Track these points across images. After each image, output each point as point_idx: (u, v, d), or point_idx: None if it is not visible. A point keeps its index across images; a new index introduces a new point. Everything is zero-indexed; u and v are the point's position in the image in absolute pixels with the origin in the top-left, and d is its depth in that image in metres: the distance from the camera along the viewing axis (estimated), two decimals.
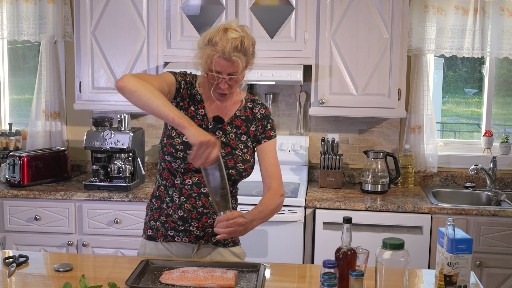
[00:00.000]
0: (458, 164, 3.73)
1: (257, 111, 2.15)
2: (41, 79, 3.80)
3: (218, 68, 1.95)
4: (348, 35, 3.34)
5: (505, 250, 3.09)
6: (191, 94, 2.10)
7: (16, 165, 3.40)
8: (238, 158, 2.06)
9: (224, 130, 2.10)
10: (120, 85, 1.85)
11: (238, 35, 1.94)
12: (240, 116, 2.12)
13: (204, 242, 2.10)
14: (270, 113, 2.18)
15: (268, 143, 2.14)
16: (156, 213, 2.12)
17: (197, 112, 2.10)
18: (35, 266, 2.02)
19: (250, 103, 2.16)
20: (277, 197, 2.08)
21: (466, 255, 1.73)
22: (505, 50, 3.53)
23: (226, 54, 1.92)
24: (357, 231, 3.06)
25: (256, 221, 1.99)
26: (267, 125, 2.15)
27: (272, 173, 2.11)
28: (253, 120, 2.13)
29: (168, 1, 3.41)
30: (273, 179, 2.11)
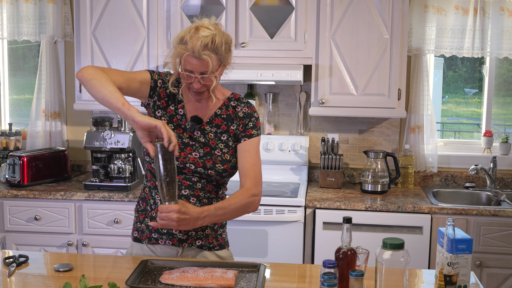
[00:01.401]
0: (458, 164, 3.73)
1: (239, 110, 2.09)
2: (41, 79, 3.80)
3: (189, 67, 1.93)
4: (348, 35, 3.34)
5: (505, 250, 3.09)
6: (171, 94, 2.08)
7: (16, 165, 3.40)
8: (217, 159, 2.03)
9: (203, 130, 2.06)
10: (79, 74, 1.88)
11: (209, 33, 1.90)
12: (221, 115, 2.08)
13: (188, 245, 2.07)
14: (255, 112, 2.12)
15: (247, 141, 2.06)
16: (141, 215, 2.12)
17: (176, 111, 2.08)
18: (35, 266, 2.02)
19: (234, 101, 2.11)
20: (245, 196, 1.98)
21: (466, 255, 1.73)
22: (505, 50, 3.53)
23: (196, 53, 1.89)
24: (357, 231, 3.06)
25: (210, 217, 1.89)
26: (249, 124, 2.08)
27: (247, 172, 2.03)
28: (234, 118, 2.08)
29: (168, 1, 3.41)
30: (247, 178, 2.02)
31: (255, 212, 3.12)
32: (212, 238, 2.10)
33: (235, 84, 3.76)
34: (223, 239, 2.14)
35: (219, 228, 2.12)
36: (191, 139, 2.05)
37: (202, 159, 2.02)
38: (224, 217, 1.97)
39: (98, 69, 1.89)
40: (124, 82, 1.95)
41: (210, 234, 2.09)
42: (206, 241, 2.09)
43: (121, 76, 1.96)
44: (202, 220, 1.87)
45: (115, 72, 1.96)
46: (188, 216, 1.82)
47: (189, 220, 1.82)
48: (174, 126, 2.06)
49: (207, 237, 2.08)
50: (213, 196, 2.08)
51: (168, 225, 1.81)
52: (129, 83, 1.98)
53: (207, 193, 2.05)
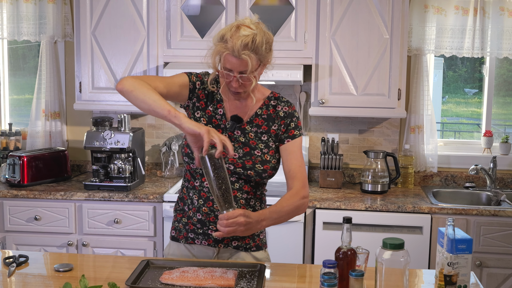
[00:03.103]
0: (458, 164, 3.73)
1: (280, 109, 2.06)
2: (41, 79, 3.80)
3: (228, 66, 1.90)
4: (348, 35, 3.34)
5: (505, 250, 3.09)
6: (209, 94, 2.06)
7: (16, 165, 3.40)
8: (256, 159, 2.00)
9: (243, 129, 2.04)
10: (119, 87, 1.88)
11: (250, 33, 1.87)
12: (262, 115, 2.06)
13: (224, 246, 2.05)
14: (295, 111, 2.09)
15: (291, 142, 2.04)
16: (179, 214, 2.12)
17: (215, 111, 2.05)
18: (35, 266, 2.02)
19: (274, 100, 2.08)
20: (296, 198, 1.99)
21: (466, 255, 1.73)
22: (505, 50, 3.53)
23: (236, 52, 1.86)
24: (357, 231, 3.06)
25: (266, 221, 1.92)
26: (291, 124, 2.06)
27: (295, 174, 2.02)
28: (275, 118, 2.06)
29: (168, 1, 3.41)
30: (295, 180, 2.02)
31: None
32: (249, 239, 2.08)
33: None
34: (260, 240, 2.12)
35: None
36: (230, 139, 2.01)
37: (241, 160, 2.00)
38: (279, 220, 1.98)
39: (137, 79, 1.89)
40: (164, 88, 1.95)
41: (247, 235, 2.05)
42: (242, 242, 2.07)
43: (160, 82, 1.95)
44: (260, 224, 1.90)
45: (154, 79, 1.96)
46: (252, 220, 1.84)
47: (253, 224, 1.85)
48: (213, 127, 2.03)
49: (243, 238, 2.06)
50: (250, 196, 2.06)
51: (234, 231, 1.81)
52: (169, 88, 1.98)
53: (244, 194, 2.04)
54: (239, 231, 1.82)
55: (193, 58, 3.37)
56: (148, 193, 3.29)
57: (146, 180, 3.67)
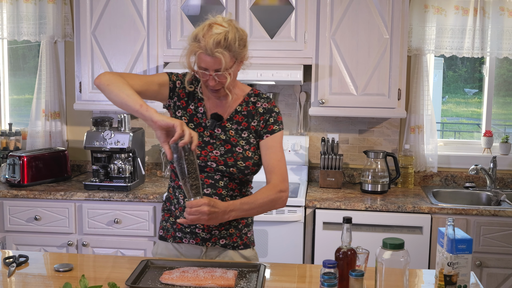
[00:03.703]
0: (458, 164, 3.73)
1: (259, 106, 2.08)
2: (41, 79, 3.80)
3: (203, 64, 1.92)
4: (348, 35, 3.34)
5: (505, 250, 3.09)
6: (190, 93, 2.08)
7: (16, 165, 3.40)
8: (238, 156, 2.02)
9: (224, 127, 2.06)
10: (96, 81, 1.92)
11: (222, 30, 1.89)
12: (241, 112, 2.08)
13: (211, 245, 2.07)
14: (275, 106, 2.10)
15: (270, 138, 2.06)
16: (166, 213, 2.14)
17: (196, 110, 2.08)
18: (35, 266, 2.02)
19: (254, 97, 2.10)
20: (272, 191, 1.99)
21: (466, 255, 1.73)
22: (505, 50, 3.53)
23: (209, 51, 1.88)
24: (357, 231, 3.06)
25: (236, 212, 1.91)
26: (270, 119, 2.07)
27: (273, 168, 2.03)
28: (255, 115, 2.07)
29: (168, 1, 3.41)
30: (273, 174, 2.03)
31: None
32: (236, 237, 2.08)
33: None
34: (248, 238, 2.12)
35: (243, 227, 2.10)
36: (211, 137, 2.04)
37: (223, 157, 2.01)
38: (251, 212, 1.98)
39: (115, 74, 1.92)
40: (142, 86, 1.97)
41: (234, 233, 2.08)
42: (230, 240, 2.07)
43: (139, 80, 1.98)
44: (228, 214, 1.89)
45: (133, 76, 1.98)
46: (217, 209, 1.84)
47: (218, 213, 1.85)
48: (194, 125, 2.06)
49: (231, 236, 2.07)
50: (236, 194, 2.06)
51: (198, 219, 1.82)
52: (147, 86, 2.00)
53: (230, 191, 2.04)
54: (203, 219, 1.82)
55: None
56: (148, 193, 3.29)
57: (146, 180, 3.67)
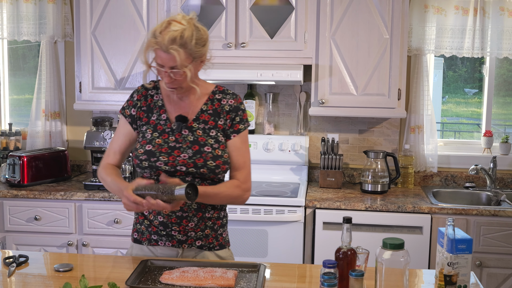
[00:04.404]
0: (458, 164, 3.73)
1: (225, 103, 2.07)
2: (41, 79, 3.80)
3: (159, 61, 1.93)
4: (348, 35, 3.34)
5: (505, 250, 3.09)
6: (148, 106, 2.10)
7: (16, 165, 3.40)
8: (207, 155, 2.00)
9: (190, 127, 2.05)
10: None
11: (179, 28, 1.89)
12: (207, 111, 2.06)
13: (187, 246, 2.07)
14: (241, 103, 2.10)
15: (237, 138, 2.07)
16: (140, 216, 2.13)
17: (159, 118, 2.08)
18: (35, 266, 2.02)
19: (219, 94, 2.09)
20: (237, 189, 2.04)
21: (466, 255, 1.73)
22: (505, 50, 3.53)
23: (164, 47, 1.89)
24: (357, 231, 3.06)
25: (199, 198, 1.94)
26: (236, 118, 2.07)
27: (239, 168, 2.07)
28: (221, 113, 2.07)
29: (168, 1, 3.41)
30: (238, 173, 2.07)
31: (255, 212, 3.14)
32: (212, 238, 2.09)
33: (235, 84, 3.76)
34: (223, 238, 2.13)
35: (219, 227, 2.11)
36: (177, 142, 2.03)
37: (192, 159, 2.00)
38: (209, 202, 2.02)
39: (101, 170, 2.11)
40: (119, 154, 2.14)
41: (210, 234, 2.08)
42: (206, 241, 2.08)
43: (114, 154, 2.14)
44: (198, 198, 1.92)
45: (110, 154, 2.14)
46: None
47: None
48: (159, 134, 2.05)
49: (207, 237, 2.08)
50: None
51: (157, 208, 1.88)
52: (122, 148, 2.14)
53: None
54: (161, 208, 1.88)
55: None
56: None
57: None
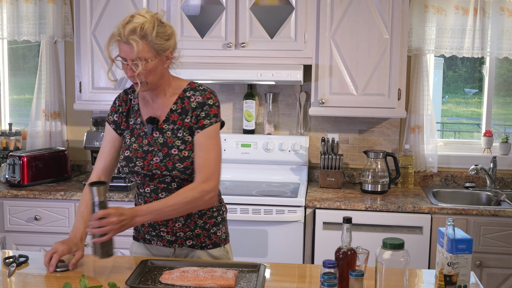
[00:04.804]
0: (458, 164, 3.73)
1: (193, 100, 2.00)
2: (41, 79, 3.80)
3: (121, 54, 1.93)
4: (348, 35, 3.34)
5: (505, 250, 3.09)
6: (127, 111, 2.10)
7: (16, 165, 3.40)
8: (175, 158, 1.98)
9: (161, 129, 2.02)
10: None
11: (141, 20, 1.89)
12: (176, 110, 2.01)
13: (178, 246, 2.09)
14: (210, 98, 1.99)
15: (201, 133, 1.97)
16: None
17: (135, 122, 2.08)
18: (35, 266, 2.02)
19: (190, 91, 2.02)
20: (191, 192, 1.92)
21: (466, 255, 1.73)
22: (505, 50, 3.53)
23: (124, 38, 1.88)
24: (357, 231, 3.06)
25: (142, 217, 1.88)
26: (201, 114, 1.98)
27: (199, 167, 1.95)
28: (188, 110, 2.00)
29: (168, 1, 3.41)
30: (198, 174, 1.95)
31: (255, 212, 3.14)
32: (204, 237, 2.09)
33: (235, 84, 3.76)
34: (217, 237, 2.12)
35: (212, 226, 2.10)
36: (150, 145, 2.02)
37: (163, 163, 1.98)
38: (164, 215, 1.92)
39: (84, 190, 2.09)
40: (105, 162, 2.10)
41: (201, 234, 2.08)
42: (197, 241, 2.08)
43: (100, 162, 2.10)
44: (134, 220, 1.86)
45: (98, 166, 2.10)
46: (125, 217, 1.84)
47: (127, 220, 1.84)
48: (135, 138, 2.06)
49: (198, 236, 2.08)
50: None
51: (110, 229, 1.82)
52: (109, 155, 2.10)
53: None
54: (115, 228, 1.83)
55: (193, 58, 3.37)
56: None
57: None
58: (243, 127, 3.76)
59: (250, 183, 3.57)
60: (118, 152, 2.12)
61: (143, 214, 1.88)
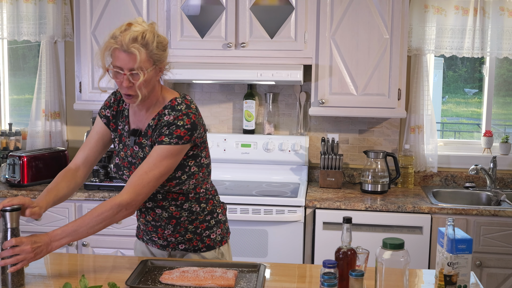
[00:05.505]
0: (458, 164, 3.73)
1: (166, 119, 1.91)
2: (41, 79, 3.80)
3: (118, 63, 1.85)
4: (348, 35, 3.34)
5: (505, 250, 3.09)
6: (116, 113, 2.06)
7: (16, 165, 3.40)
8: None
9: (140, 143, 1.98)
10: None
11: (140, 28, 1.85)
12: (152, 126, 1.96)
13: (171, 250, 2.10)
14: (181, 119, 1.90)
15: (156, 147, 1.89)
16: (137, 215, 2.17)
17: (123, 129, 2.04)
18: (35, 266, 2.02)
19: (168, 109, 1.94)
20: (106, 206, 1.85)
21: (466, 255, 1.73)
22: (505, 50, 3.53)
23: (124, 46, 1.81)
24: (357, 231, 3.06)
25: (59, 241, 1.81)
26: (165, 131, 1.89)
27: (133, 178, 1.88)
28: (158, 127, 1.93)
29: (168, 1, 3.41)
30: (128, 183, 1.89)
31: (255, 212, 3.14)
32: (197, 241, 2.08)
33: (235, 84, 3.76)
34: (211, 239, 2.10)
35: (204, 230, 2.08)
36: (133, 157, 2.01)
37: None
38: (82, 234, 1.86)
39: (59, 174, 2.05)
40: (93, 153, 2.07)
41: (193, 238, 2.07)
42: (190, 245, 2.08)
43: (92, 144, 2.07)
44: (51, 246, 1.80)
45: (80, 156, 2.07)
46: (40, 243, 1.77)
47: (42, 247, 1.78)
48: (122, 145, 2.04)
49: (190, 240, 2.08)
50: (182, 201, 2.01)
51: (24, 258, 1.74)
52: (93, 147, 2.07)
53: (172, 201, 2.00)
54: (29, 257, 1.76)
55: (193, 58, 3.37)
56: None
57: None
58: (243, 127, 3.76)
59: (250, 183, 3.57)
60: (104, 146, 2.09)
61: (59, 238, 1.81)
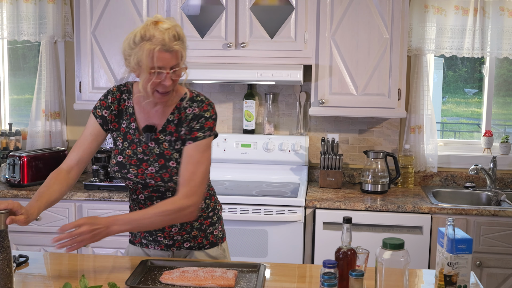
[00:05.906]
0: (458, 164, 3.73)
1: (190, 112, 1.92)
2: (41, 79, 3.80)
3: (161, 63, 1.80)
4: (348, 35, 3.34)
5: (505, 250, 3.09)
6: (118, 112, 2.02)
7: (16, 165, 3.40)
8: (172, 171, 1.93)
9: (157, 139, 1.95)
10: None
11: (170, 25, 1.81)
12: (173, 121, 1.94)
13: (176, 249, 2.08)
14: (207, 111, 1.93)
15: (192, 145, 1.90)
16: None
17: (129, 126, 2.00)
18: (35, 266, 2.02)
19: (187, 102, 1.94)
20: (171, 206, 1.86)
21: (466, 255, 1.73)
22: (505, 50, 3.53)
23: (167, 45, 1.78)
24: (357, 231, 3.06)
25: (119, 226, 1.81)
26: (196, 126, 1.91)
27: (184, 181, 1.88)
28: (184, 121, 1.93)
29: (168, 1, 3.41)
30: (182, 187, 1.88)
31: (255, 212, 3.14)
32: (201, 238, 2.09)
33: (235, 84, 3.76)
34: (214, 236, 2.12)
35: (208, 227, 2.09)
36: (145, 154, 1.97)
37: (159, 173, 1.94)
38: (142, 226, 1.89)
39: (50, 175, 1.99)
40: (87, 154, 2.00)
41: (198, 235, 2.08)
42: (195, 242, 2.08)
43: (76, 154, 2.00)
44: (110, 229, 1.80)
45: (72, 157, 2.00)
46: (99, 226, 1.78)
47: (101, 229, 1.78)
48: (128, 143, 2.00)
49: (195, 238, 2.08)
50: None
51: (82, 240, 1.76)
52: (86, 149, 2.00)
53: None
54: (86, 238, 1.77)
55: (193, 58, 3.37)
56: None
57: None
58: (243, 127, 3.76)
59: (250, 183, 3.57)
60: (97, 147, 2.05)
61: (121, 223, 1.82)
